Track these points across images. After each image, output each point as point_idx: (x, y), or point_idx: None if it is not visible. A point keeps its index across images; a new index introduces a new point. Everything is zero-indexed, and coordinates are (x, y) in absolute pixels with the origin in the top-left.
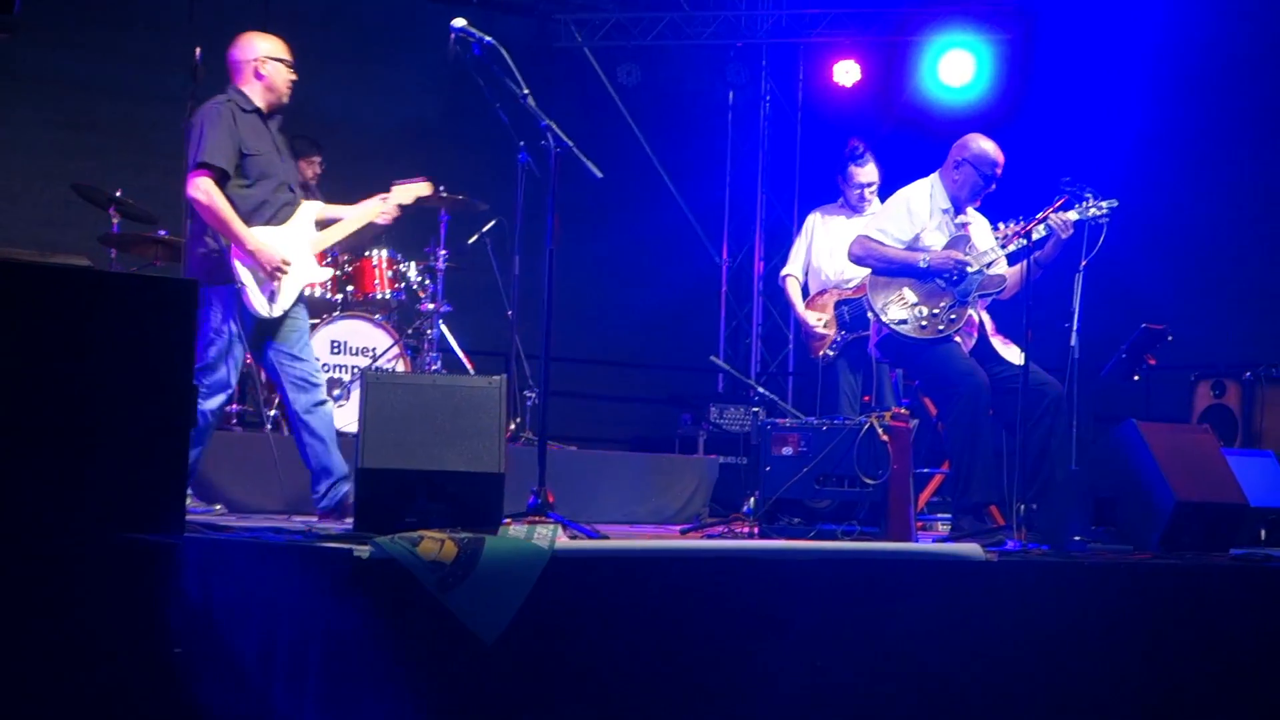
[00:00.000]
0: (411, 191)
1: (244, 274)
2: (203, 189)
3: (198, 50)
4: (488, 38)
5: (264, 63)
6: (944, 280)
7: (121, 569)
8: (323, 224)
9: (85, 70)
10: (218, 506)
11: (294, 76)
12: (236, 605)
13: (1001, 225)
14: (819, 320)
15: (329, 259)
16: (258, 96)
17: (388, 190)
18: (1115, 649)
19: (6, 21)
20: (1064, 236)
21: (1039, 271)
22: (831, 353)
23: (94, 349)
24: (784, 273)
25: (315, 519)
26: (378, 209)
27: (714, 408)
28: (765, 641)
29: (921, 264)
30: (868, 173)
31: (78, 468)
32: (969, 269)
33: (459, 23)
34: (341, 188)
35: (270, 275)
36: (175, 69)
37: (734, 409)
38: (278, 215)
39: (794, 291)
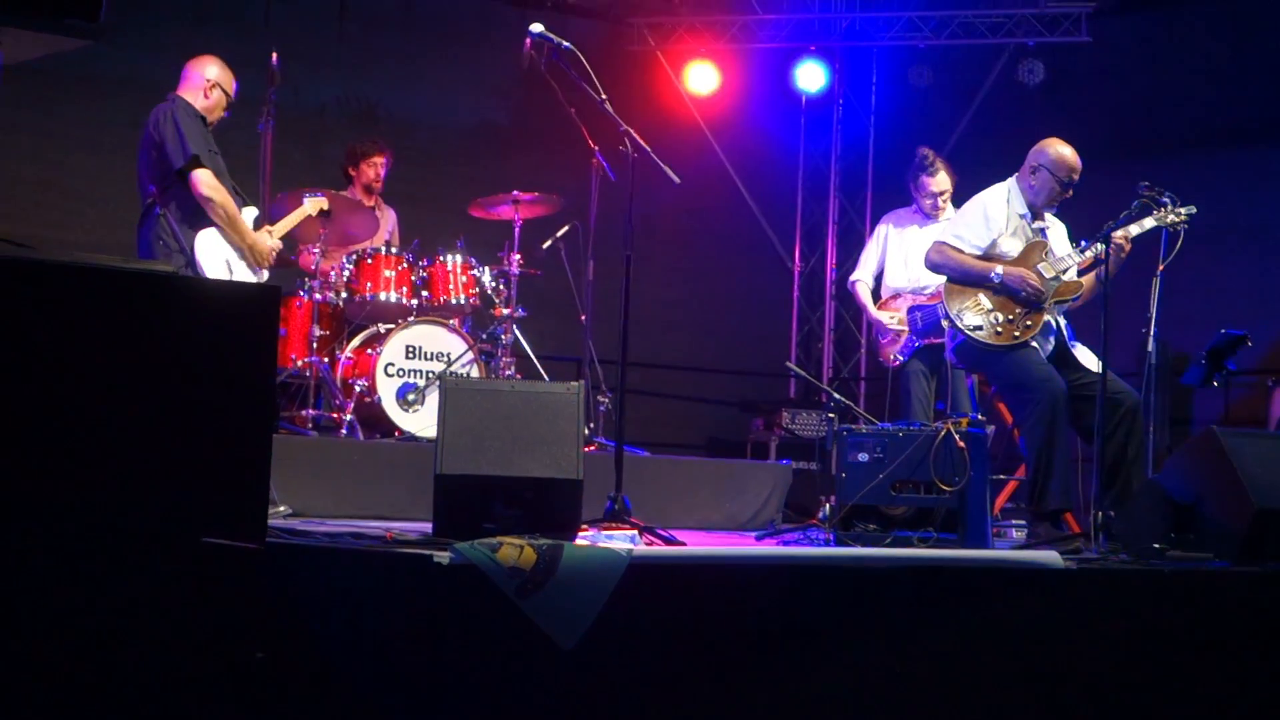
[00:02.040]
0: (318, 204)
1: (209, 267)
2: (210, 184)
3: (274, 55)
4: (565, 43)
5: (214, 87)
6: (1015, 298)
7: (204, 574)
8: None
9: (165, 73)
10: (282, 508)
11: (226, 114)
12: (317, 610)
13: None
14: (892, 318)
15: (406, 261)
16: (199, 108)
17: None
18: (1195, 657)
19: (92, 29)
20: (1122, 255)
21: (1099, 287)
22: (900, 357)
23: (176, 354)
24: (853, 278)
25: (392, 523)
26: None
27: (786, 413)
28: (843, 648)
29: (994, 279)
30: (939, 181)
31: (161, 473)
32: (1040, 299)
33: (537, 28)
34: (415, 189)
35: (262, 264)
36: (253, 71)
37: (806, 414)
38: None
39: (864, 295)
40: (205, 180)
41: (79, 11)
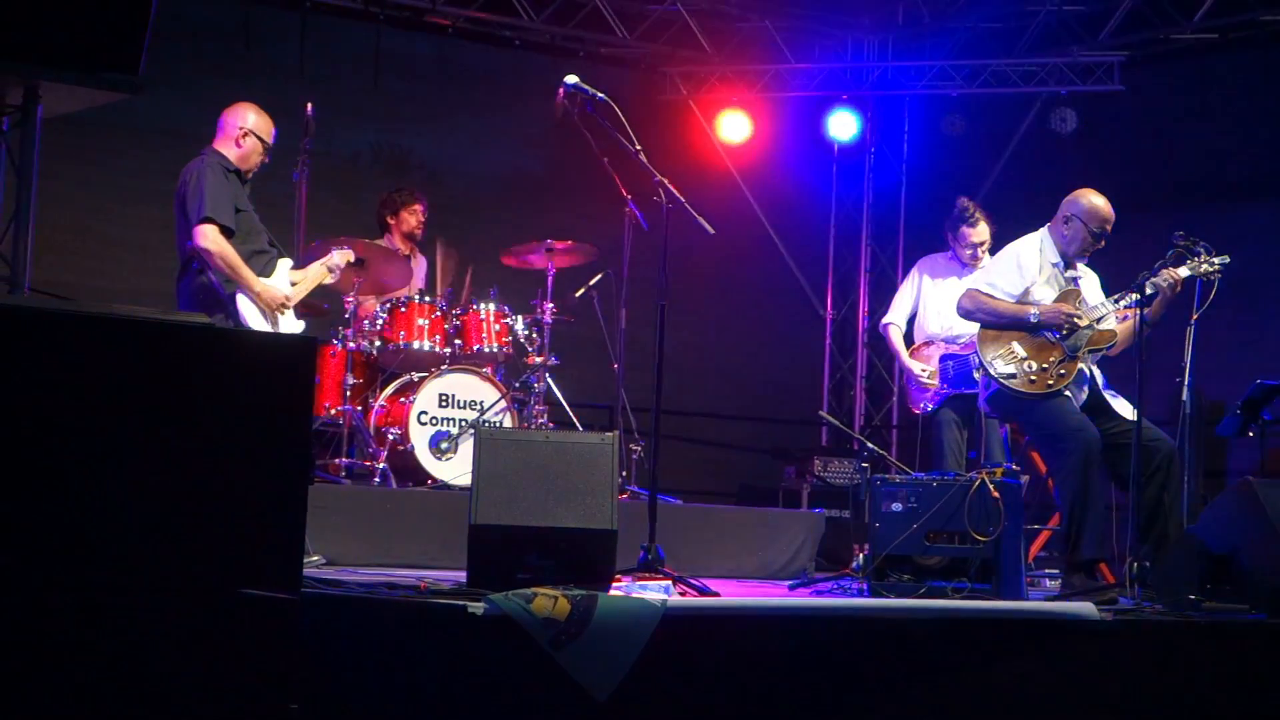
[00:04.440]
0: (345, 256)
1: (251, 318)
2: (211, 238)
3: (308, 105)
4: (600, 94)
5: (247, 135)
6: (1054, 334)
7: (239, 624)
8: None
9: (201, 123)
10: (316, 557)
11: (266, 159)
12: (351, 660)
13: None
14: (923, 371)
15: (439, 310)
16: (233, 159)
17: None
18: (1231, 709)
19: (131, 82)
20: (1171, 295)
21: (1148, 330)
22: (930, 406)
23: (213, 405)
24: (885, 321)
25: (426, 573)
26: (322, 272)
27: (818, 460)
28: (877, 700)
29: (1032, 318)
30: (979, 232)
31: (197, 523)
32: (1079, 323)
33: (571, 79)
34: (448, 237)
35: (274, 313)
36: (288, 120)
37: (838, 461)
38: (264, 269)
39: (896, 339)
40: (206, 234)
41: (119, 65)
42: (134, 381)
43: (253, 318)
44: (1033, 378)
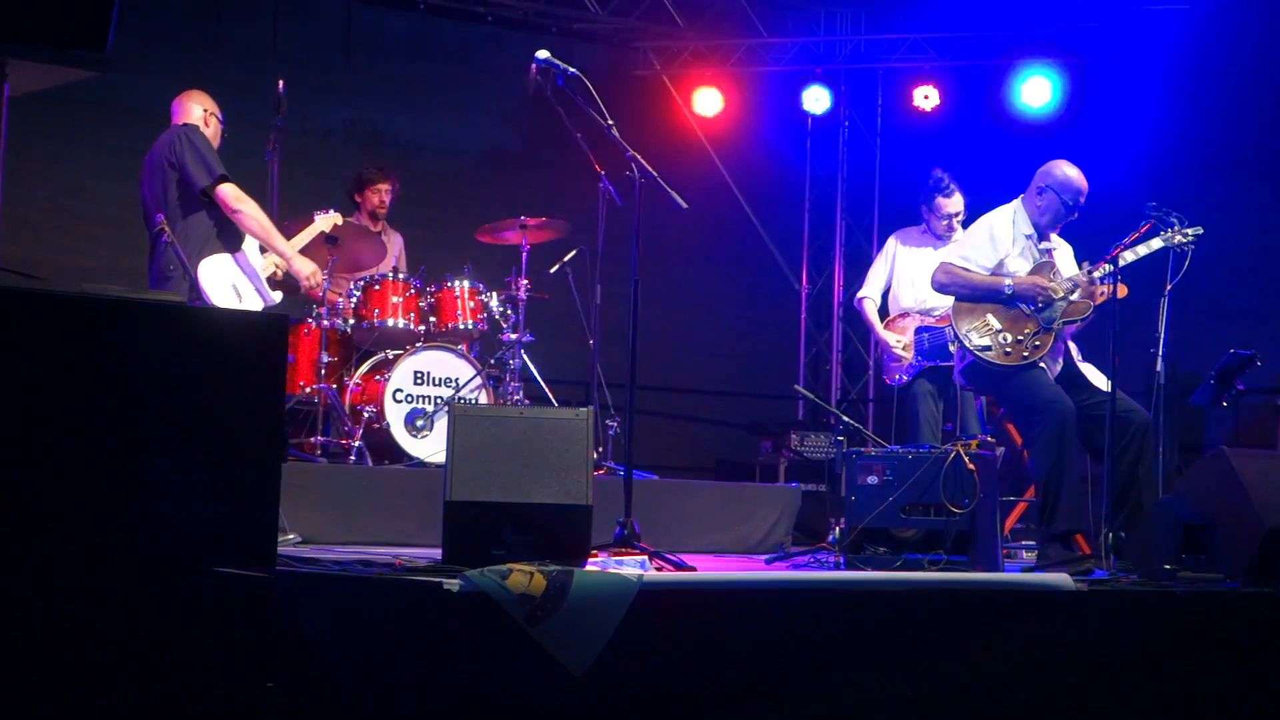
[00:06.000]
0: (330, 220)
1: (213, 294)
2: (237, 196)
3: (280, 82)
4: (571, 69)
5: (212, 116)
6: (1029, 306)
7: (214, 603)
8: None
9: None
10: (291, 535)
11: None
12: (328, 639)
13: (1086, 264)
14: (898, 342)
15: (414, 287)
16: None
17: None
18: (1206, 678)
19: (99, 59)
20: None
21: (1093, 314)
22: (905, 378)
23: (185, 383)
24: (860, 295)
25: (401, 550)
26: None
27: (795, 435)
28: (854, 672)
29: (1006, 290)
30: (954, 203)
31: (170, 502)
32: (1054, 296)
33: (543, 54)
34: (421, 213)
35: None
36: (260, 97)
37: (815, 436)
38: (242, 240)
39: (871, 313)
40: (232, 194)
41: (86, 42)
42: (106, 360)
43: (215, 293)
44: (1008, 350)
